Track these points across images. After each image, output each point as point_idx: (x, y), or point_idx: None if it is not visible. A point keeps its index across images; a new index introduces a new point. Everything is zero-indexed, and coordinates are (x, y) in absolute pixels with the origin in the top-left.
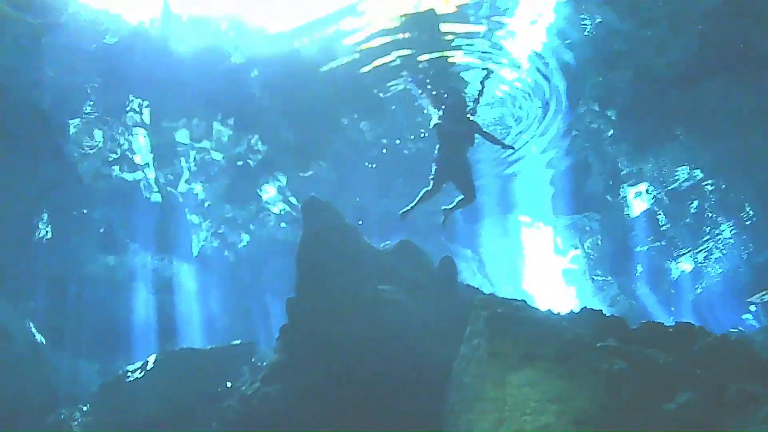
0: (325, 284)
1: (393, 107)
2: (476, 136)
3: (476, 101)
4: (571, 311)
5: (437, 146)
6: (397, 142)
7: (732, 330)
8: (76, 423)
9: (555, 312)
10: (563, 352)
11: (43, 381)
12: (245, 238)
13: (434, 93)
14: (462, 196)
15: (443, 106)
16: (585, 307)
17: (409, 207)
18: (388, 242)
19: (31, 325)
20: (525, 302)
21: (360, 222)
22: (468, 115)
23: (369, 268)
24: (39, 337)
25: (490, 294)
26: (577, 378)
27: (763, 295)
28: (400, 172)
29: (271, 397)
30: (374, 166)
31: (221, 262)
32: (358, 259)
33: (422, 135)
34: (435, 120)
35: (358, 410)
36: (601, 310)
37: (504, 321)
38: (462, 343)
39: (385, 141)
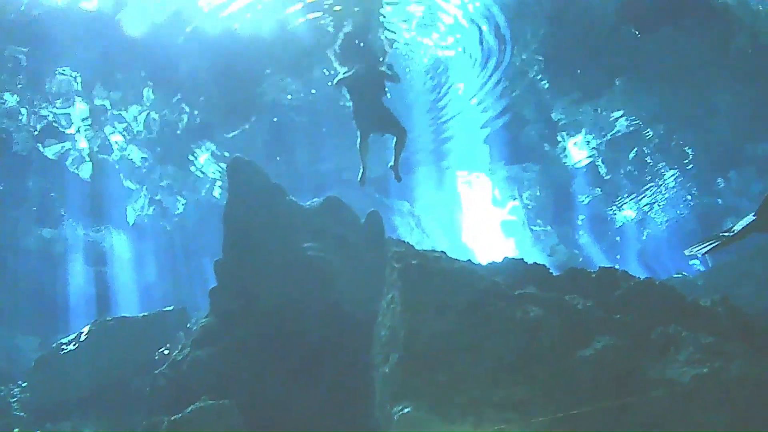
0: (251, 244)
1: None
2: (386, 84)
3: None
4: (492, 261)
5: (350, 101)
6: (313, 92)
7: (675, 275)
8: (14, 400)
9: (475, 262)
10: (478, 301)
11: None
12: (181, 203)
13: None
14: (395, 138)
15: (353, 58)
16: (506, 257)
17: (361, 171)
18: (315, 199)
19: None
20: (444, 253)
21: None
22: (379, 66)
23: (295, 226)
24: None
25: (406, 246)
26: (492, 326)
27: (701, 247)
28: (329, 129)
29: (201, 361)
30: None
31: (157, 229)
32: (284, 217)
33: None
34: (340, 76)
35: (287, 369)
36: (522, 259)
37: (417, 273)
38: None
39: (311, 97)
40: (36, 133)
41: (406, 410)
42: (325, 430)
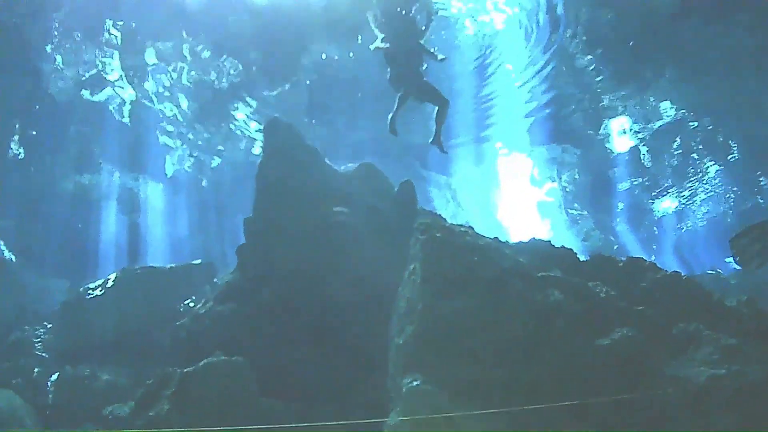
0: (282, 205)
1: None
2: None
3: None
4: (519, 241)
5: (387, 69)
6: (351, 55)
7: (709, 272)
8: (38, 340)
9: (502, 240)
10: (499, 280)
11: (11, 298)
12: (217, 160)
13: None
14: (436, 108)
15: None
16: (534, 238)
17: (391, 115)
18: (350, 164)
19: (1, 243)
20: (471, 228)
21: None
22: (419, 37)
23: (327, 190)
24: (8, 255)
25: (434, 218)
26: (510, 307)
27: None
28: (369, 96)
29: (223, 316)
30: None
31: (193, 183)
32: (317, 180)
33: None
34: (377, 43)
35: (305, 331)
36: (550, 241)
37: (441, 246)
38: None
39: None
40: (82, 79)
41: (415, 383)
42: (334, 396)
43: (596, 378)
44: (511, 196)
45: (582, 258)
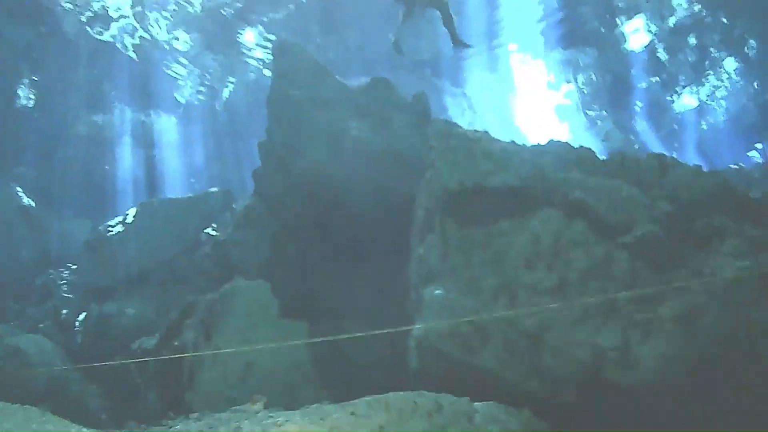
0: (295, 126)
1: None
2: None
3: None
4: (536, 143)
5: None
6: None
7: (732, 166)
8: (63, 282)
9: (519, 144)
10: (517, 184)
11: (34, 244)
12: (230, 86)
13: None
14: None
15: None
16: (552, 139)
17: (396, 32)
18: (362, 79)
19: (20, 189)
20: (486, 133)
21: None
22: None
23: (339, 107)
24: (28, 201)
25: (449, 126)
26: (530, 209)
27: None
28: (376, 10)
29: (243, 242)
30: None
31: (207, 112)
32: (329, 98)
33: None
34: None
35: (327, 250)
36: (568, 142)
37: (456, 152)
38: None
39: None
40: (89, 15)
41: (437, 292)
42: (359, 312)
43: (622, 275)
44: (529, 101)
45: (601, 157)
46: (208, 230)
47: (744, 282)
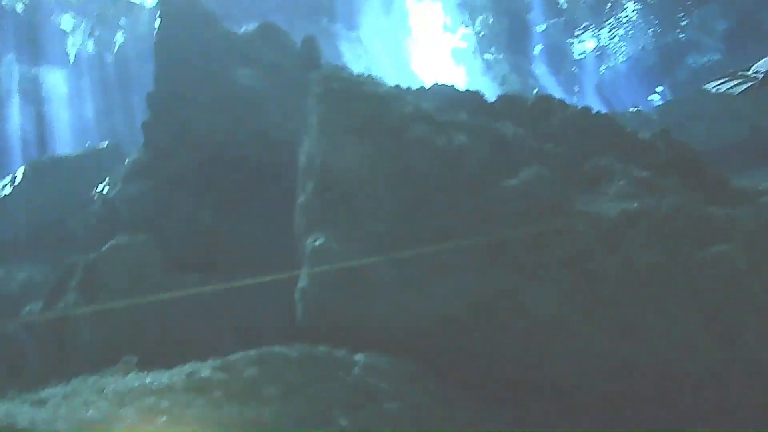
0: (183, 75)
1: None
2: None
3: None
4: (421, 87)
5: None
6: None
7: (631, 109)
8: None
9: (404, 87)
10: (399, 127)
11: None
12: (120, 38)
13: None
14: None
15: None
16: (437, 83)
17: None
18: (250, 25)
19: None
20: (371, 77)
21: None
22: None
23: (228, 55)
24: None
25: (335, 70)
26: (413, 153)
27: (720, 83)
28: None
29: (132, 197)
30: None
31: (98, 64)
32: (217, 46)
33: None
34: None
35: (216, 199)
36: (454, 85)
37: (336, 97)
38: None
39: None
40: None
41: (318, 242)
42: (247, 262)
43: (508, 218)
44: (425, 45)
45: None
46: (100, 187)
47: (630, 224)
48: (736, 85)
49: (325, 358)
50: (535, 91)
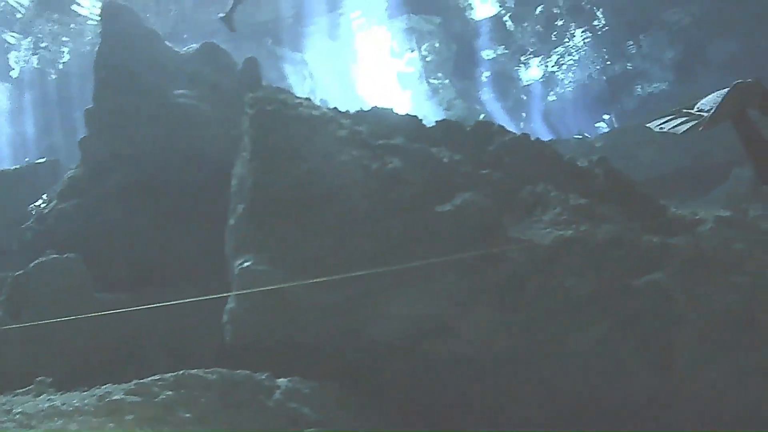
0: (122, 92)
1: None
2: None
3: None
4: (359, 110)
5: None
6: None
7: (576, 136)
8: None
9: (341, 111)
10: (333, 150)
11: None
12: (66, 56)
13: None
14: None
15: None
16: (375, 106)
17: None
18: (193, 45)
19: None
20: (308, 100)
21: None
22: None
23: (168, 73)
24: None
25: (272, 92)
26: (346, 177)
27: (664, 121)
28: None
29: (67, 213)
30: None
31: (41, 80)
32: (158, 64)
33: None
34: None
35: (151, 218)
36: (392, 109)
37: (270, 119)
38: None
39: None
40: None
41: (246, 264)
42: (179, 283)
43: (439, 244)
44: (371, 69)
45: (426, 125)
46: (37, 202)
47: (564, 252)
48: (680, 124)
49: (245, 382)
50: (482, 116)
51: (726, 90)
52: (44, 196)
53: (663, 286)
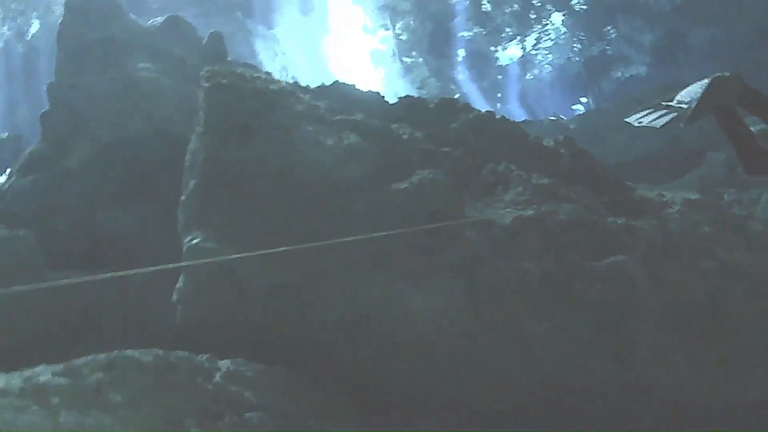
0: (83, 66)
1: None
2: None
3: None
4: (321, 85)
5: None
6: None
7: (551, 117)
8: None
9: (301, 85)
10: (288, 125)
11: None
12: (35, 25)
13: None
14: None
15: None
16: (337, 81)
17: None
18: (157, 18)
19: None
20: (268, 74)
21: None
22: None
23: (132, 47)
24: None
25: (229, 65)
26: (300, 153)
27: (642, 116)
28: None
29: (25, 189)
30: None
31: (7, 53)
32: (120, 37)
33: None
34: None
35: (112, 193)
36: (354, 85)
37: (225, 92)
38: None
39: None
40: None
41: (195, 241)
42: (140, 258)
43: (395, 222)
44: (344, 46)
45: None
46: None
47: (524, 232)
48: (658, 117)
49: (183, 364)
50: (457, 96)
51: (705, 81)
52: (7, 171)
53: (625, 269)
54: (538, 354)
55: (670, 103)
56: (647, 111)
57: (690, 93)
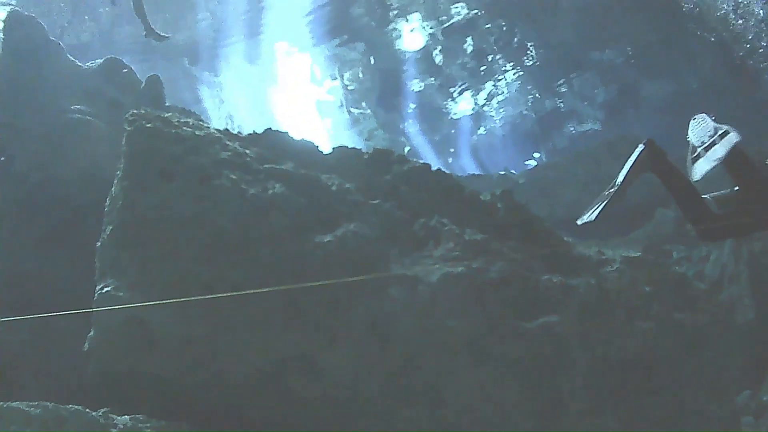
0: (16, 105)
1: None
2: None
3: None
4: (252, 132)
5: None
6: None
7: (501, 172)
8: None
9: (232, 132)
10: (211, 172)
11: None
12: None
13: None
14: None
15: None
16: (269, 128)
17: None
18: (97, 60)
19: None
20: (199, 121)
21: None
22: None
23: (66, 88)
24: None
25: (150, 109)
26: (219, 202)
27: (588, 214)
28: None
29: None
30: None
31: None
32: (56, 78)
33: None
34: None
35: (39, 233)
36: (287, 132)
37: (147, 137)
38: None
39: None
40: None
41: (106, 289)
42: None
43: (313, 275)
44: (290, 95)
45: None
46: None
47: (451, 290)
48: (594, 210)
49: (74, 419)
50: (407, 149)
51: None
52: None
53: (556, 329)
54: (459, 416)
55: (612, 189)
56: (592, 207)
57: (624, 171)
